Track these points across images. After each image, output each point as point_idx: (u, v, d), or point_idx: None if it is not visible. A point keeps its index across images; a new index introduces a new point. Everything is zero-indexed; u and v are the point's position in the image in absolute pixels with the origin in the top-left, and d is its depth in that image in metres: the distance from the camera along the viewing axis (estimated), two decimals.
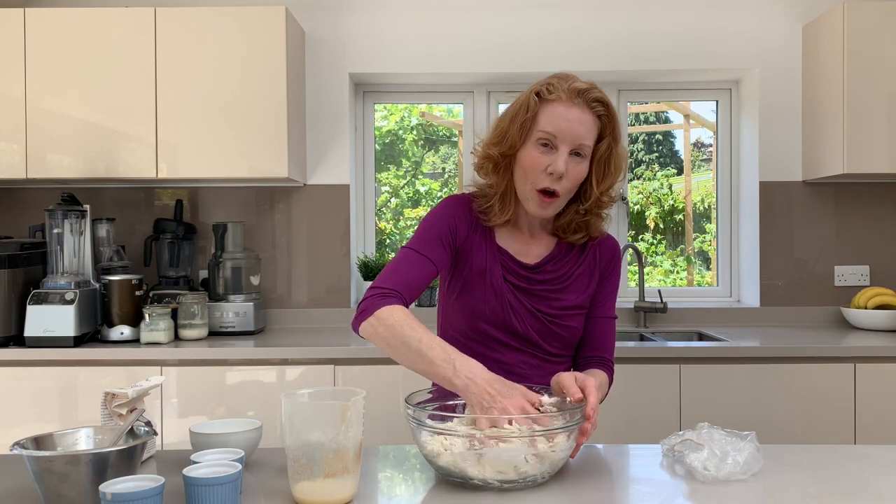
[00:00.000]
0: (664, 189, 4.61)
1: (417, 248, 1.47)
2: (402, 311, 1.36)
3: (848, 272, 3.23)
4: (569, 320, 1.54)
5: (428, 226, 1.51)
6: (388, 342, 1.35)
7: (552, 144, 1.42)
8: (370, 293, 1.41)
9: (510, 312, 1.51)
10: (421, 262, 1.46)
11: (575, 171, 1.43)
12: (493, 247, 1.53)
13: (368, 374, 2.59)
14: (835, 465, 1.34)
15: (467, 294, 1.52)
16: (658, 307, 3.14)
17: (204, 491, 1.06)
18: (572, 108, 1.42)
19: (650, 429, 2.57)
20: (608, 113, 1.45)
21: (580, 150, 1.43)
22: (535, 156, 1.43)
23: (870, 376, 2.60)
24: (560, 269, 1.54)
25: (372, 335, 1.37)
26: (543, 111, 1.43)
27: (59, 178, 2.90)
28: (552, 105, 1.42)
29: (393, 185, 4.28)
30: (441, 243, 1.49)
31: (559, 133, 1.41)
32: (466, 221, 1.53)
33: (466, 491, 1.21)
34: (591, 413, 1.27)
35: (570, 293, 1.54)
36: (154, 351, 2.64)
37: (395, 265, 1.46)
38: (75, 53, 2.84)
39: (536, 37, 3.21)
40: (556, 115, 1.42)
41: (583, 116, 1.42)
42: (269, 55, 2.86)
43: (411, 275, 1.44)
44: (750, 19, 3.21)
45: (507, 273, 1.52)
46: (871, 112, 2.87)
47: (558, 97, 1.42)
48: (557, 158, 1.41)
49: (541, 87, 1.45)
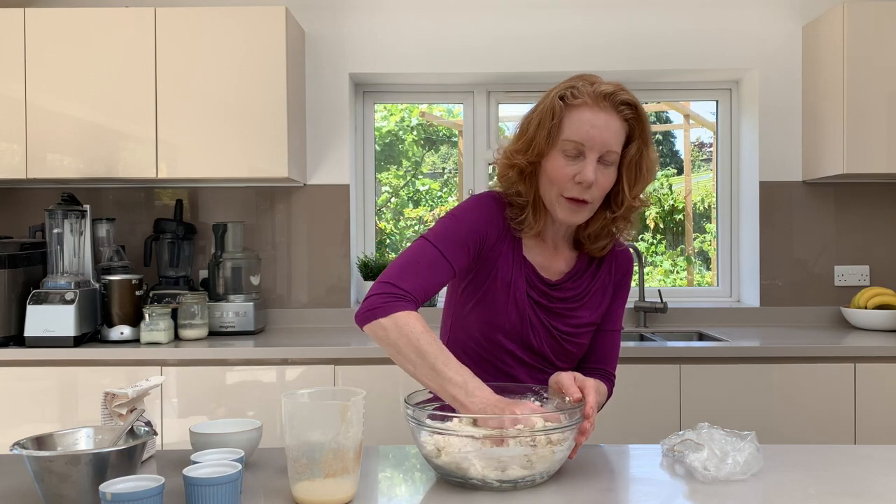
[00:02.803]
0: (664, 189, 4.61)
1: (441, 249, 1.38)
2: (419, 319, 1.31)
3: (848, 272, 3.23)
4: (581, 338, 1.52)
5: (456, 224, 1.42)
6: (398, 349, 1.29)
7: (580, 153, 1.36)
8: (384, 290, 1.33)
9: (528, 328, 1.47)
10: (443, 268, 1.38)
11: (603, 179, 1.37)
12: (520, 259, 1.46)
13: (368, 374, 2.59)
14: (835, 465, 1.34)
15: (487, 304, 1.46)
16: (658, 307, 3.14)
17: (204, 491, 1.06)
18: (599, 113, 1.35)
19: (650, 429, 2.57)
20: (637, 115, 1.38)
21: (607, 157, 1.36)
22: (561, 165, 1.36)
23: (870, 376, 2.60)
24: (578, 287, 1.50)
25: (382, 337, 1.31)
26: (569, 117, 1.36)
27: (59, 178, 2.90)
28: (578, 111, 1.36)
29: (393, 185, 4.28)
30: (466, 247, 1.40)
31: (587, 141, 1.34)
32: (498, 227, 1.44)
33: (466, 491, 1.21)
34: (589, 412, 1.26)
35: (585, 310, 1.51)
36: (154, 351, 2.64)
37: (412, 262, 1.37)
38: (75, 53, 2.84)
39: (536, 37, 3.21)
40: (583, 122, 1.35)
41: (610, 122, 1.35)
42: (269, 55, 2.86)
43: (431, 280, 1.36)
44: (750, 19, 3.21)
45: (531, 288, 1.46)
46: (871, 112, 2.87)
47: (584, 102, 1.35)
48: (586, 167, 1.35)
49: (565, 91, 1.38)
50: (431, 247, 1.39)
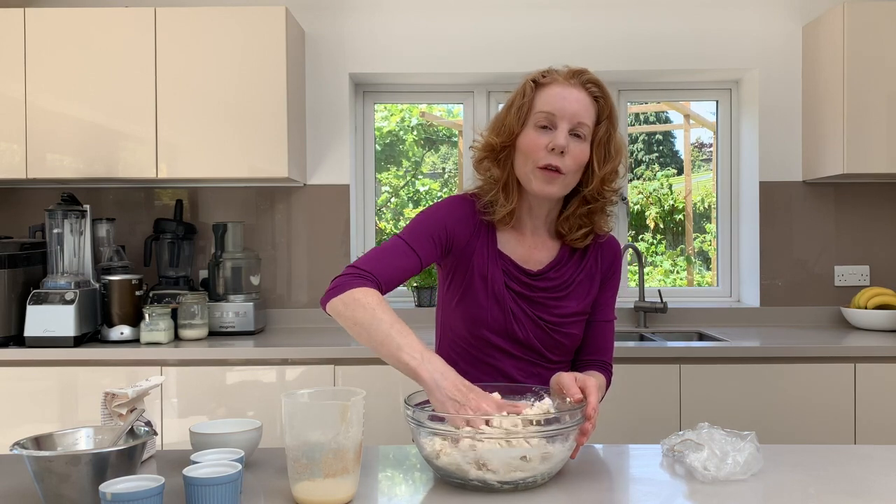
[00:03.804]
0: (664, 189, 4.61)
1: (408, 240, 1.44)
2: (377, 294, 1.34)
3: (848, 272, 3.23)
4: (570, 328, 1.53)
5: (424, 219, 1.48)
6: (356, 321, 1.31)
7: (551, 124, 1.42)
8: (347, 271, 1.39)
9: (512, 320, 1.49)
10: (407, 255, 1.42)
11: (577, 149, 1.42)
12: (495, 252, 1.50)
13: (368, 374, 2.59)
14: (835, 465, 1.34)
15: (468, 300, 1.49)
16: (658, 307, 3.14)
17: (204, 491, 1.06)
18: (569, 87, 1.44)
19: (650, 429, 2.57)
20: (603, 94, 1.46)
21: (579, 129, 1.42)
22: (534, 137, 1.43)
23: (870, 376, 2.60)
24: (562, 276, 1.52)
25: (340, 312, 1.34)
26: (540, 94, 1.45)
27: (59, 178, 2.90)
28: (549, 87, 1.45)
29: (393, 185, 4.28)
30: (432, 239, 1.45)
31: (557, 111, 1.42)
32: (468, 224, 1.49)
33: (466, 492, 1.20)
34: (591, 413, 1.26)
35: (572, 300, 1.52)
36: (154, 351, 2.64)
37: (381, 251, 1.44)
38: (75, 53, 2.84)
39: (536, 37, 3.21)
40: (554, 95, 1.43)
41: (580, 96, 1.44)
42: (269, 55, 2.86)
43: (394, 264, 1.41)
44: (750, 19, 3.21)
45: (510, 280, 1.49)
46: (871, 112, 2.87)
47: (554, 79, 1.45)
48: (557, 135, 1.41)
49: (536, 75, 1.48)
50: (399, 239, 1.45)
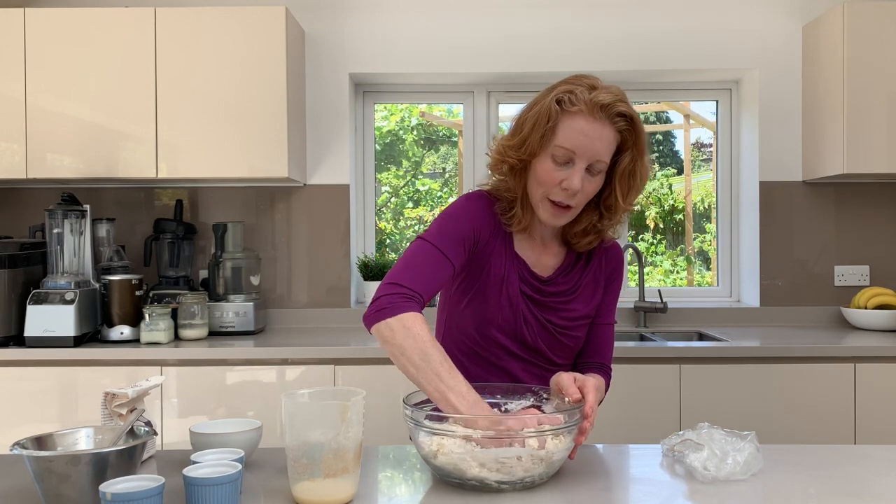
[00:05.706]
0: (664, 189, 4.61)
1: (441, 247, 1.40)
2: (424, 323, 1.32)
3: (848, 272, 3.23)
4: (576, 331, 1.53)
5: (451, 222, 1.45)
6: (403, 350, 1.29)
7: (569, 161, 1.38)
8: (392, 290, 1.35)
9: (522, 323, 1.49)
10: (444, 266, 1.40)
11: (588, 186, 1.40)
12: (512, 254, 1.49)
13: (368, 374, 2.59)
14: (835, 465, 1.34)
15: (481, 300, 1.48)
16: (658, 307, 3.14)
17: (204, 491, 1.06)
18: (593, 122, 1.36)
19: (650, 429, 2.57)
20: (631, 127, 1.40)
21: (596, 165, 1.39)
22: (550, 168, 1.39)
23: (870, 376, 2.60)
24: (570, 281, 1.53)
25: (388, 337, 1.31)
26: (563, 123, 1.37)
27: (59, 178, 2.89)
28: (573, 118, 1.37)
29: (393, 185, 4.28)
30: (462, 244, 1.43)
31: (578, 150, 1.36)
32: (490, 224, 1.48)
33: (465, 491, 1.20)
34: (589, 412, 1.27)
35: (579, 303, 1.53)
36: (154, 351, 2.64)
37: (415, 261, 1.39)
38: (75, 53, 2.84)
39: (536, 37, 3.21)
40: (576, 131, 1.36)
41: (603, 132, 1.37)
42: (269, 55, 2.86)
43: (434, 279, 1.39)
44: (750, 19, 3.21)
45: (523, 283, 1.49)
46: (871, 112, 2.87)
47: (580, 110, 1.36)
48: (573, 175, 1.37)
49: (563, 95, 1.38)
50: (431, 246, 1.41)
